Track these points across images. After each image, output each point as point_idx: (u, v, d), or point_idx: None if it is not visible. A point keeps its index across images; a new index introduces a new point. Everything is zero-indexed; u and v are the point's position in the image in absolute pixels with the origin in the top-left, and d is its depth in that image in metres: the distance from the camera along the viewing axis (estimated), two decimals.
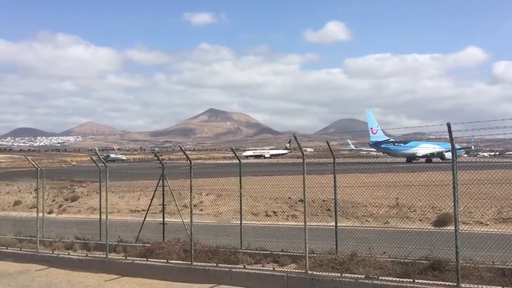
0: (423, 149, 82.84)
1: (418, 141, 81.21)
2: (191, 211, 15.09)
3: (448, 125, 10.69)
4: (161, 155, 18.26)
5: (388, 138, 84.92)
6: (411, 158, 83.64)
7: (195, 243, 14.94)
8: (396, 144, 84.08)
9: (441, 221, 20.18)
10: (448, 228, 17.76)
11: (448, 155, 77.03)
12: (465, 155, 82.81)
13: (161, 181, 18.23)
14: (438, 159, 78.93)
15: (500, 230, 17.87)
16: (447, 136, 11.05)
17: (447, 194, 11.19)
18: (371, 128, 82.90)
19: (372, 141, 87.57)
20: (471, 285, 10.43)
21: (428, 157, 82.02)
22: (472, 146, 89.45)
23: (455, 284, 10.48)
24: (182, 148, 16.39)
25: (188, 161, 15.38)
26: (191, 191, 15.15)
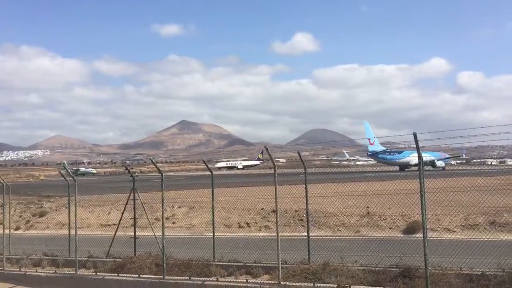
0: (415, 158, 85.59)
1: (411, 150, 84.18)
2: (162, 224, 14.95)
3: (414, 135, 10.97)
4: (131, 168, 18.05)
5: (385, 148, 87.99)
6: (405, 166, 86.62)
7: (167, 256, 14.80)
8: (392, 153, 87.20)
9: (410, 229, 20.54)
10: (418, 235, 18.12)
11: (439, 163, 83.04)
12: (453, 162, 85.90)
13: (132, 195, 18.00)
14: (430, 167, 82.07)
15: (467, 237, 18.31)
16: (422, 145, 11.35)
17: (416, 202, 11.45)
18: (369, 139, 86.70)
19: (370, 151, 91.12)
20: None
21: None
22: (464, 154, 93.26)
23: None
24: (153, 161, 16.24)
25: (160, 174, 15.26)
26: (162, 204, 15.02)
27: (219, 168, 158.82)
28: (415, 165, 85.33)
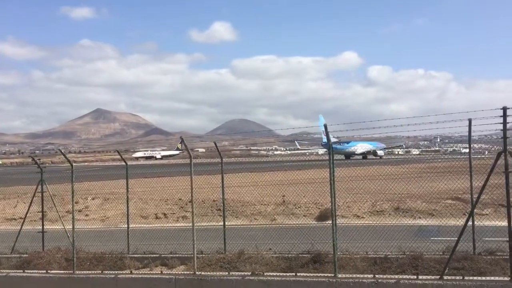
0: (360, 147, 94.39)
1: (356, 141, 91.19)
2: (73, 217, 14.36)
3: (325, 126, 11.45)
4: (39, 159, 17.00)
5: (336, 139, 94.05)
6: (350, 155, 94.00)
7: (78, 250, 14.25)
8: (341, 144, 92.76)
9: (323, 216, 21.42)
10: (329, 222, 18.92)
11: (380, 152, 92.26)
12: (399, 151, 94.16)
13: (40, 187, 17.02)
14: (373, 156, 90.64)
15: (374, 222, 19.50)
16: (336, 135, 11.84)
17: (329, 191, 11.97)
18: (323, 131, 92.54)
19: (324, 142, 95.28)
20: (347, 275, 11.26)
21: (365, 154, 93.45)
22: (404, 145, 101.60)
23: (333, 275, 11.24)
24: (62, 151, 15.46)
25: (70, 165, 14.59)
26: (72, 196, 14.42)
27: (137, 158, 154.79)
28: (360, 154, 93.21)
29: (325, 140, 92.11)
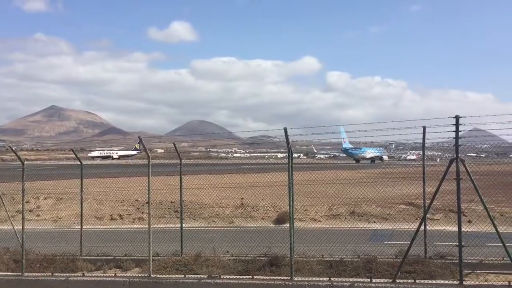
0: (369, 153, 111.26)
1: (366, 147, 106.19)
2: (23, 217, 13.83)
3: (285, 130, 11.53)
4: None
5: (351, 146, 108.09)
6: (360, 159, 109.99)
7: (28, 251, 13.74)
8: (355, 149, 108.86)
9: (281, 219, 21.54)
10: (287, 225, 19.08)
11: (385, 158, 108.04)
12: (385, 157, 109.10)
13: None
14: (379, 161, 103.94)
15: (330, 226, 19.81)
16: (295, 139, 11.95)
17: (287, 194, 12.05)
18: (343, 139, 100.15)
19: (344, 148, 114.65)
20: (303, 278, 11.37)
21: (373, 159, 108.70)
22: (392, 150, 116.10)
23: (289, 278, 11.32)
24: (13, 148, 14.87)
25: (20, 163, 14.06)
26: (23, 195, 13.90)
27: (93, 158, 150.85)
28: (369, 158, 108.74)
29: (344, 146, 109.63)
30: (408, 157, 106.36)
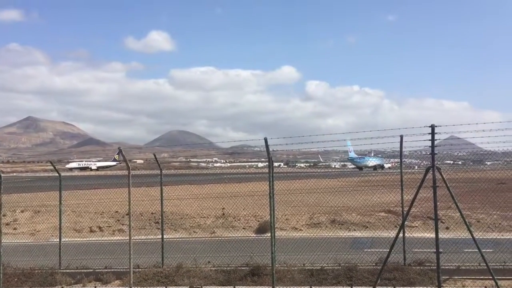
0: (371, 162, 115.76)
1: (369, 157, 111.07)
2: None
3: (265, 139, 11.63)
4: None
5: (356, 155, 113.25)
6: (363, 167, 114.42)
7: (5, 266, 13.51)
8: (360, 158, 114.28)
9: (262, 229, 21.56)
10: (268, 235, 19.12)
11: (387, 166, 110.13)
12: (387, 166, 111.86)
13: None
14: (381, 169, 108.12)
15: (311, 235, 19.90)
16: (276, 149, 12.05)
17: (268, 203, 12.12)
18: (349, 149, 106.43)
19: (350, 157, 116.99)
20: (285, 287, 11.43)
21: (375, 167, 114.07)
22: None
23: (271, 287, 11.36)
24: None
25: None
26: (0, 208, 13.60)
27: (71, 169, 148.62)
28: (372, 167, 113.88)
29: (350, 155, 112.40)
30: (386, 165, 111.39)
